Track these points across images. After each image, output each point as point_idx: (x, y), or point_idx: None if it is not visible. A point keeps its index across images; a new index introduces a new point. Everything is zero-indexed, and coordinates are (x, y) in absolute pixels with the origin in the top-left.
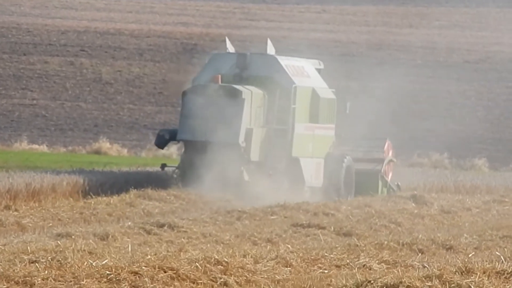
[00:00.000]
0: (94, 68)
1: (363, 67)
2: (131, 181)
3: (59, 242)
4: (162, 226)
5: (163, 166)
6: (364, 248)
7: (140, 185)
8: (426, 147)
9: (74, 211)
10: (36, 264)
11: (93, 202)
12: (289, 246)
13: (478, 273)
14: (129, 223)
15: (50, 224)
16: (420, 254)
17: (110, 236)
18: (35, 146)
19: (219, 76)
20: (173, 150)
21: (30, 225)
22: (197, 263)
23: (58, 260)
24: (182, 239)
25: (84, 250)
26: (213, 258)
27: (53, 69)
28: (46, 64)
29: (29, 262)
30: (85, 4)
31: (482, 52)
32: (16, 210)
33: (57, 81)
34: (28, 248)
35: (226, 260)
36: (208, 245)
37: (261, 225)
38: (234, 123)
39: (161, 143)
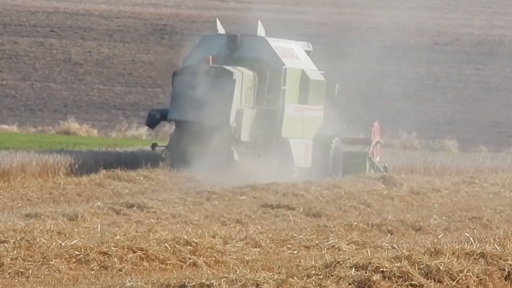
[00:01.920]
0: (64, 49)
1: (333, 48)
2: (101, 161)
3: (28, 222)
4: (131, 206)
5: (154, 145)
6: (334, 229)
7: (110, 165)
8: (395, 128)
9: (43, 191)
10: (5, 244)
11: (62, 183)
12: (258, 226)
13: (447, 254)
14: (99, 203)
15: (19, 204)
16: (389, 235)
17: (79, 217)
18: (5, 126)
19: (210, 57)
20: (142, 131)
21: None
22: (166, 244)
23: (27, 240)
24: (152, 220)
25: (53, 231)
26: (182, 239)
27: (22, 50)
28: (15, 45)
29: None
30: None
31: (451, 34)
32: None
33: (27, 62)
34: None
35: (195, 240)
36: (178, 225)
37: (230, 206)
38: (225, 103)
39: (152, 123)
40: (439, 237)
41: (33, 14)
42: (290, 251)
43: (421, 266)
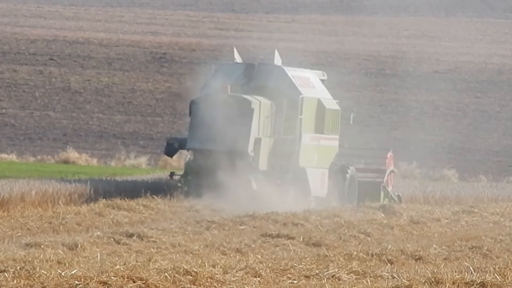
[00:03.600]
0: (63, 77)
1: (332, 76)
2: (100, 190)
3: (27, 252)
4: (131, 236)
5: (172, 174)
6: (333, 259)
7: (109, 194)
8: (395, 157)
9: (43, 221)
10: (5, 273)
11: (62, 212)
12: (258, 256)
13: (448, 284)
14: (98, 233)
15: (19, 234)
16: (389, 265)
17: (79, 246)
18: (4, 155)
19: (228, 86)
20: (142, 160)
21: None
22: (166, 273)
23: (27, 270)
24: (151, 249)
25: (53, 260)
26: (182, 268)
27: (22, 78)
28: (15, 73)
29: None
30: (54, 13)
31: (451, 62)
32: None
33: (26, 90)
34: None
35: (195, 270)
36: (177, 255)
37: (230, 235)
38: (243, 132)
39: (170, 151)
40: (439, 266)
41: (33, 43)
42: (290, 280)
43: None
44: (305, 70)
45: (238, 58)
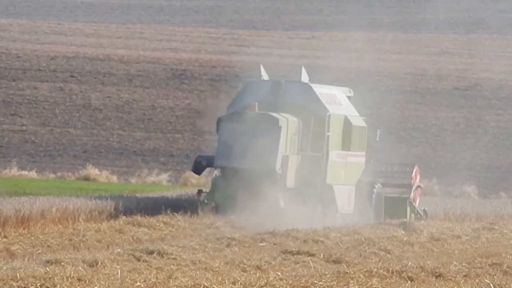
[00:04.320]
0: (84, 94)
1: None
2: (121, 207)
3: (48, 268)
4: (151, 253)
5: (200, 192)
6: (354, 276)
7: (130, 211)
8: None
9: (63, 238)
10: None
11: (82, 229)
12: (278, 273)
13: None
14: (119, 249)
15: (39, 251)
16: (409, 282)
17: (99, 263)
18: (25, 172)
19: (256, 104)
20: (162, 177)
21: (19, 251)
22: None
23: (47, 287)
24: (172, 266)
25: (73, 277)
26: (202, 285)
27: (42, 95)
28: (35, 90)
29: None
30: (74, 30)
31: (471, 79)
32: (5, 236)
33: (47, 107)
34: (17, 275)
35: (215, 287)
36: (198, 272)
37: (250, 252)
38: (271, 150)
39: (198, 169)
40: (459, 283)
41: (53, 59)
42: None
43: None
44: (332, 87)
45: (265, 76)
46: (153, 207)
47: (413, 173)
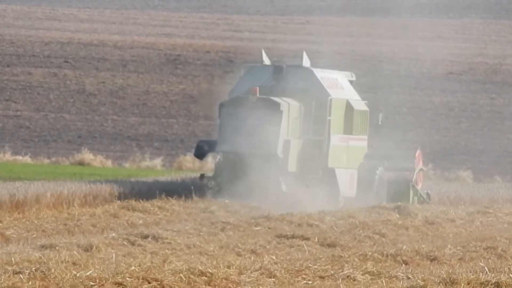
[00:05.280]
0: (78, 79)
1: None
2: (115, 192)
3: (43, 253)
4: (146, 237)
5: (202, 176)
6: (348, 259)
7: (124, 196)
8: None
9: (58, 222)
10: (20, 275)
11: (77, 213)
12: (273, 257)
13: (462, 284)
14: (113, 234)
15: (34, 235)
16: (404, 265)
17: (94, 247)
18: (19, 157)
19: (257, 88)
20: (156, 162)
21: (14, 236)
22: (181, 274)
23: (42, 271)
24: (166, 250)
25: (68, 261)
26: (197, 269)
27: (36, 80)
28: (29, 76)
29: (13, 273)
30: (68, 15)
31: (465, 64)
32: (0, 221)
33: (41, 92)
34: (12, 259)
35: (210, 271)
36: (192, 256)
37: (245, 236)
38: (272, 134)
39: (200, 154)
40: (454, 267)
41: (47, 45)
42: (305, 281)
43: None
44: (334, 71)
45: (266, 60)
46: (148, 191)
47: (416, 157)
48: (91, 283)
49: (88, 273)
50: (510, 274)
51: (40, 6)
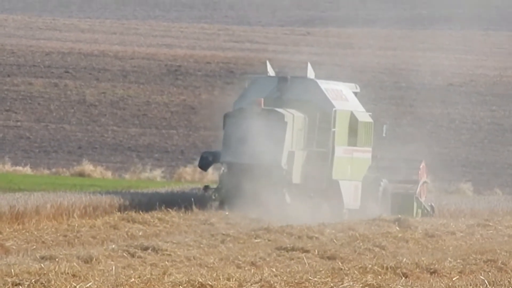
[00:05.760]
0: (78, 90)
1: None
2: (115, 203)
3: (42, 264)
4: (146, 249)
5: (206, 188)
6: (348, 272)
7: (124, 207)
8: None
9: (58, 234)
10: (20, 286)
11: (76, 225)
12: (273, 269)
13: None
14: (113, 246)
15: (34, 247)
16: (404, 278)
17: (94, 259)
18: (19, 168)
19: (262, 99)
20: (156, 173)
21: (14, 247)
22: (181, 286)
23: (42, 283)
24: (166, 262)
25: (68, 273)
26: (197, 281)
27: (37, 91)
28: (30, 86)
29: (12, 284)
30: (69, 26)
31: (466, 75)
32: (0, 232)
33: (41, 103)
34: (12, 270)
35: (210, 283)
36: (192, 268)
37: (245, 248)
38: (277, 146)
39: (205, 165)
40: (454, 280)
41: (48, 55)
42: None
43: None
44: (338, 82)
45: (271, 72)
46: (148, 203)
47: (420, 169)
48: None
49: (88, 285)
50: (510, 287)
51: (41, 16)
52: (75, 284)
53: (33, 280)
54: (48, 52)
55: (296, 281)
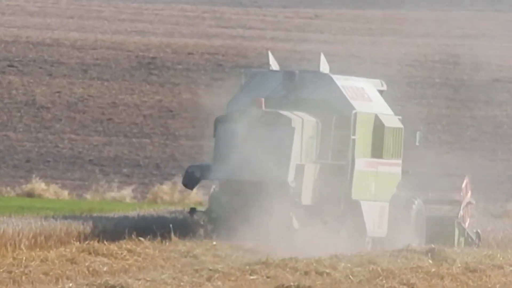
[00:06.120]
0: (26, 88)
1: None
2: (73, 231)
3: None
4: None
5: (193, 211)
6: None
7: (85, 236)
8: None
9: (1, 269)
10: None
11: (24, 258)
12: None
13: None
14: (70, 284)
15: None
16: None
17: None
18: None
19: (262, 99)
20: (126, 193)
21: None
22: None
23: None
24: None
25: None
26: None
27: None
28: None
29: None
30: (14, 8)
31: None
32: None
33: None
34: None
35: None
36: None
37: (238, 287)
38: (281, 158)
39: (190, 182)
40: None
41: None
42: None
43: None
44: (359, 78)
45: (274, 65)
46: (114, 230)
47: (463, 187)
48: None
49: None
50: None
51: None
52: None
53: None
54: None
55: None
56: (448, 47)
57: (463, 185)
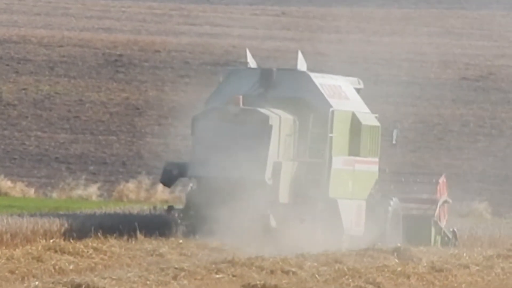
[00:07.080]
0: None
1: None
2: (39, 229)
3: None
4: (78, 286)
5: (170, 208)
6: None
7: (51, 234)
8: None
9: None
10: None
11: None
12: None
13: None
14: (36, 283)
15: None
16: None
17: None
18: None
19: (240, 97)
20: (92, 191)
21: None
22: None
23: None
24: None
25: None
26: None
27: None
28: None
29: None
30: None
31: (483, 67)
32: None
33: None
34: None
35: None
36: None
37: (203, 286)
38: (258, 155)
39: (168, 180)
40: None
41: None
42: None
43: None
44: (336, 76)
45: (252, 63)
46: (80, 228)
47: (439, 185)
48: None
49: None
50: None
51: None
52: None
53: None
54: None
55: None
56: (415, 45)
57: (440, 184)
